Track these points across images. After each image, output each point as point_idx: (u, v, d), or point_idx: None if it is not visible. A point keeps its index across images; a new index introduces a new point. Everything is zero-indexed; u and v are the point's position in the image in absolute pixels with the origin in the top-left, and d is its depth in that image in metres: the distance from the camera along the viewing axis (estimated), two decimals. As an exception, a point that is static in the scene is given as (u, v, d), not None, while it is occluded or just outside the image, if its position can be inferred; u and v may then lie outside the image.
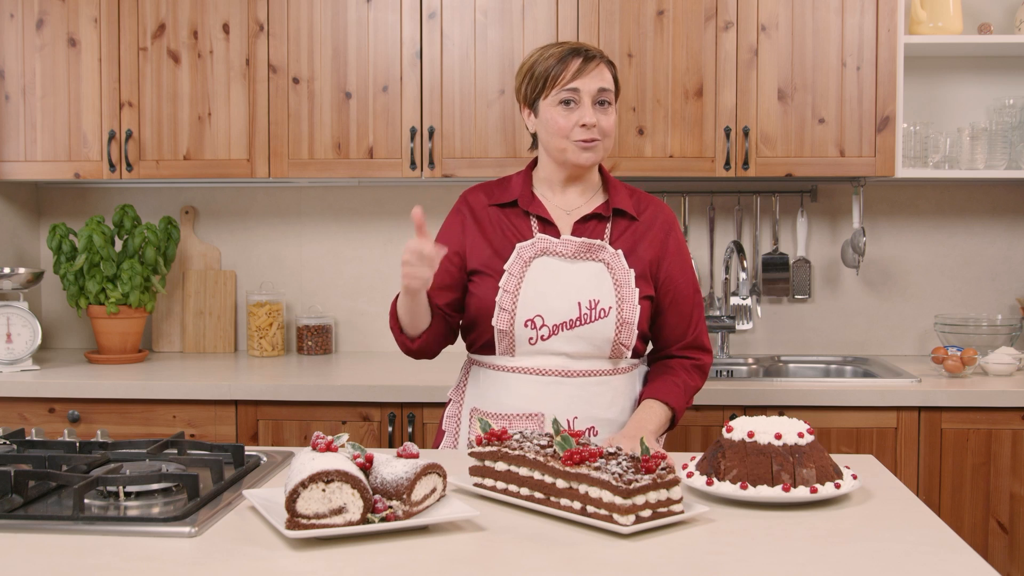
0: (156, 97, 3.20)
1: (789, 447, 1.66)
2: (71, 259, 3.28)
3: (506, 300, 2.07)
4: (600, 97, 2.08)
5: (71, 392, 2.94)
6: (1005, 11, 3.34)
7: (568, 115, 2.07)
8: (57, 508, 1.62)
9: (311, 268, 3.58)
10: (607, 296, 2.08)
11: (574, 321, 2.06)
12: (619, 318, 2.08)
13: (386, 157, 3.16)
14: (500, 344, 2.10)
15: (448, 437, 2.23)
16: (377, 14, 3.15)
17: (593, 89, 2.07)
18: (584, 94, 2.07)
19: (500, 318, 2.07)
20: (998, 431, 2.81)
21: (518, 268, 2.09)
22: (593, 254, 2.11)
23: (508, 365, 2.10)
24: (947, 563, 1.40)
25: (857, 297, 3.46)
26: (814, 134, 3.09)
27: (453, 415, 2.23)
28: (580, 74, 2.07)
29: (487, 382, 2.14)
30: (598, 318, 2.07)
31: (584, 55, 2.09)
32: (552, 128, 2.09)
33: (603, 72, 2.10)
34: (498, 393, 2.11)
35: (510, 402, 2.09)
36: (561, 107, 2.08)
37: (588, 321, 2.07)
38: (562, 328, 2.06)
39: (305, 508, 1.44)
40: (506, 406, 2.09)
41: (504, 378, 2.11)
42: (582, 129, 2.07)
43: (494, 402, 2.11)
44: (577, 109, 2.07)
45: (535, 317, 2.06)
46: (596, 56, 2.10)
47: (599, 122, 2.08)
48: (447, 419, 2.24)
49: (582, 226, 2.14)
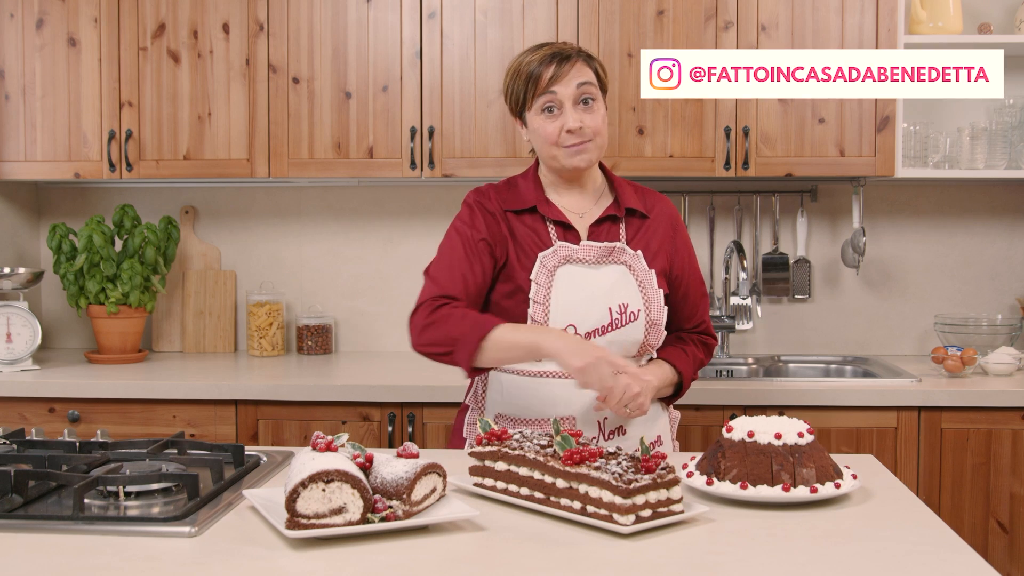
0: (156, 97, 3.20)
1: (789, 447, 1.66)
2: (71, 259, 3.28)
3: (538, 312, 2.04)
4: (582, 95, 2.06)
5: (71, 392, 2.94)
6: (1005, 11, 3.34)
7: (552, 121, 2.06)
8: (57, 508, 1.62)
9: (311, 268, 3.57)
10: (634, 299, 2.08)
11: (606, 327, 2.05)
12: (648, 320, 2.08)
13: (386, 157, 3.16)
14: None
15: (469, 445, 2.16)
16: (377, 14, 3.15)
17: (572, 90, 2.05)
18: (564, 98, 2.05)
19: None
20: (998, 431, 2.81)
21: (544, 278, 2.06)
22: (614, 257, 2.10)
23: (536, 371, 2.07)
24: (947, 563, 1.40)
25: (857, 297, 3.46)
26: (814, 134, 3.09)
27: (473, 423, 2.17)
28: (556, 79, 2.04)
29: (513, 388, 2.09)
30: (629, 322, 2.07)
31: (558, 57, 2.06)
32: (540, 137, 2.08)
33: (581, 69, 2.07)
34: (528, 399, 2.07)
35: (541, 407, 2.06)
36: (544, 115, 2.07)
37: (620, 326, 2.06)
38: (595, 334, 2.05)
39: (305, 508, 1.44)
40: (537, 411, 2.06)
41: (533, 384, 2.07)
42: (568, 135, 2.05)
43: (524, 408, 2.08)
44: (560, 115, 2.06)
45: (567, 327, 2.04)
46: (572, 55, 2.07)
47: (584, 122, 2.05)
48: (468, 426, 2.18)
49: (597, 229, 2.13)
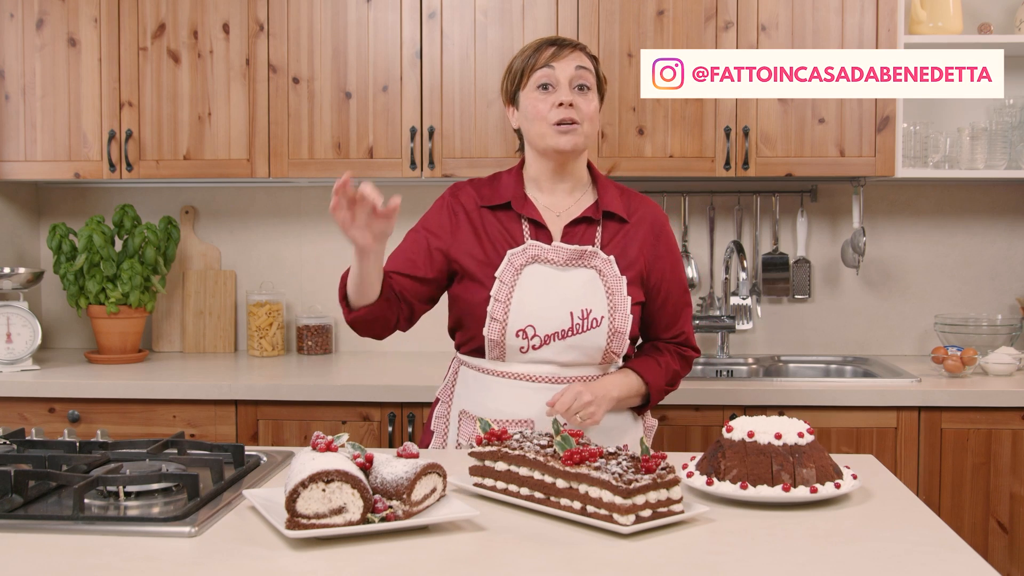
0: (156, 97, 3.20)
1: (789, 447, 1.66)
2: (71, 259, 3.28)
3: (497, 310, 2.04)
4: (578, 80, 2.07)
5: (71, 392, 2.94)
6: (1005, 11, 3.34)
7: (546, 98, 2.06)
8: (57, 508, 1.62)
9: (311, 268, 3.57)
10: (599, 305, 2.05)
11: (566, 331, 2.04)
12: (611, 327, 2.05)
13: (386, 157, 3.16)
14: (490, 351, 2.07)
15: (437, 438, 2.19)
16: (377, 14, 3.15)
17: (570, 71, 2.06)
18: (561, 75, 2.06)
19: (491, 328, 2.04)
20: (998, 431, 2.81)
21: (509, 276, 2.05)
22: (585, 261, 2.08)
23: (498, 370, 2.08)
24: (947, 563, 1.40)
25: (857, 297, 3.46)
26: (814, 134, 3.09)
27: (442, 415, 2.19)
28: (555, 58, 2.07)
29: (476, 385, 2.11)
30: (590, 328, 2.04)
31: (559, 43, 2.10)
32: (531, 113, 2.08)
33: (580, 56, 2.09)
34: (487, 398, 2.08)
35: (499, 407, 2.06)
36: (539, 91, 2.07)
37: (580, 331, 2.04)
38: (554, 338, 2.04)
39: (305, 508, 1.44)
40: (495, 411, 2.06)
41: (494, 383, 2.08)
42: (559, 109, 2.05)
43: (483, 406, 2.08)
44: (554, 92, 2.06)
45: (527, 327, 2.03)
46: (571, 44, 2.10)
47: (577, 104, 2.06)
48: (436, 419, 2.20)
49: (572, 230, 2.11)
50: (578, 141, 2.08)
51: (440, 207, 2.18)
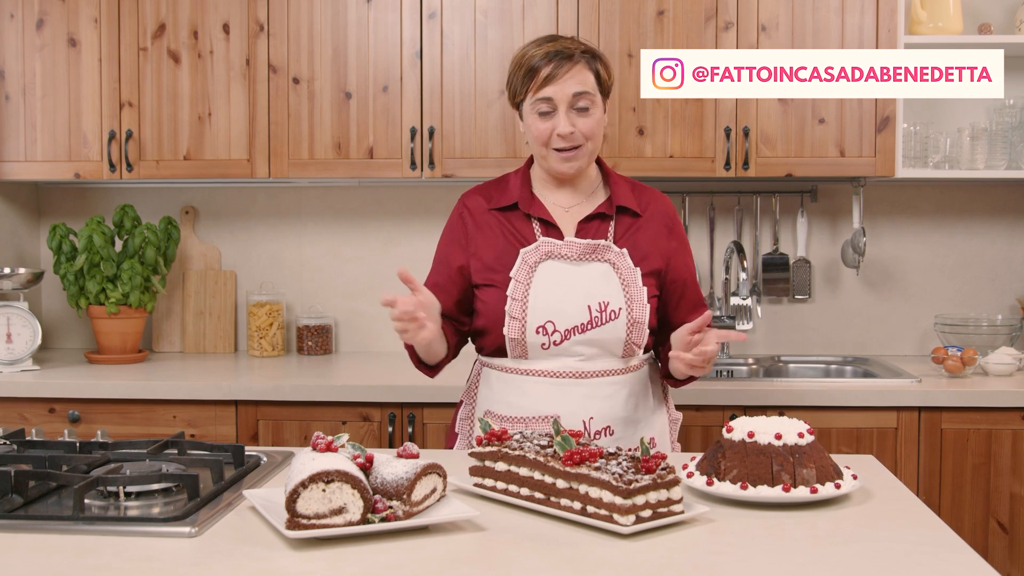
0: (156, 97, 3.20)
1: (789, 447, 1.66)
2: (71, 259, 3.28)
3: (516, 308, 2.05)
4: (577, 103, 2.04)
5: (71, 392, 2.94)
6: (1005, 11, 3.34)
7: (545, 122, 2.05)
8: (57, 508, 1.62)
9: (311, 268, 3.57)
10: (616, 297, 2.07)
11: (585, 325, 2.05)
12: (630, 318, 2.07)
13: (386, 157, 3.16)
14: (512, 350, 2.08)
15: (462, 439, 2.21)
16: (377, 14, 3.15)
17: (567, 95, 2.03)
18: (558, 102, 2.03)
19: (511, 327, 2.06)
20: (998, 431, 2.81)
21: (524, 274, 2.07)
22: (598, 255, 2.09)
23: (521, 368, 2.09)
24: (947, 563, 1.40)
25: (857, 297, 3.46)
26: (814, 134, 3.09)
27: (466, 417, 2.21)
28: (553, 79, 2.02)
29: (500, 385, 2.12)
30: (609, 320, 2.06)
31: (560, 56, 2.03)
32: (532, 134, 2.08)
33: (580, 73, 2.04)
34: (512, 396, 2.09)
35: (525, 404, 2.07)
36: (537, 116, 2.06)
37: (599, 324, 2.05)
38: (574, 332, 2.05)
39: (305, 508, 1.44)
40: (521, 408, 2.08)
41: (518, 381, 2.09)
42: (559, 139, 2.05)
43: (508, 405, 2.10)
44: (553, 117, 2.05)
45: (546, 323, 2.05)
46: (574, 54, 2.04)
47: (577, 126, 2.04)
48: (460, 421, 2.22)
49: (585, 226, 2.12)
50: (581, 164, 2.09)
51: (453, 219, 2.21)
